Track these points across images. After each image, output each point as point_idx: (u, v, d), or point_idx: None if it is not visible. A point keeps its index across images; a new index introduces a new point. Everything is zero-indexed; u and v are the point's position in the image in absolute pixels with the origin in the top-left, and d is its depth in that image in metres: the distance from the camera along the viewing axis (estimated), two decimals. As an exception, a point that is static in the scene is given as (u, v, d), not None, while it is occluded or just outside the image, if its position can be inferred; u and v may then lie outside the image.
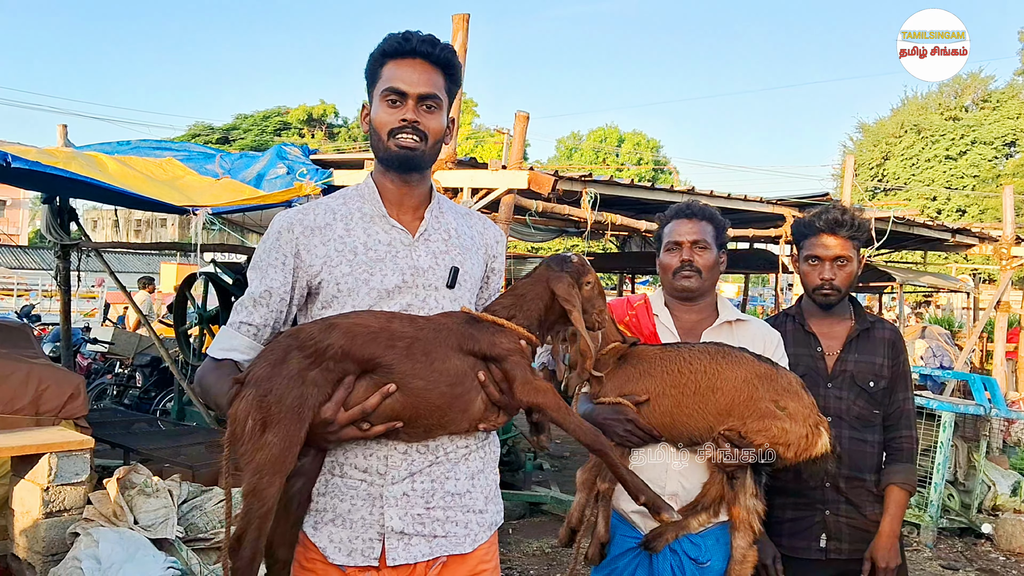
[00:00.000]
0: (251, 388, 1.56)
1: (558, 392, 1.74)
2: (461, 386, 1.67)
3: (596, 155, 43.67)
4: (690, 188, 7.81)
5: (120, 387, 9.29)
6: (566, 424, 1.70)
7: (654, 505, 1.76)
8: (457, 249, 1.85)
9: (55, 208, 7.32)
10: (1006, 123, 33.03)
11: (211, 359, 1.78)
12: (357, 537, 1.71)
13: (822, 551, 2.56)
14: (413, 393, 1.63)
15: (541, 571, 5.30)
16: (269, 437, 1.52)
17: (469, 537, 1.79)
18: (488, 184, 5.50)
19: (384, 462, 1.71)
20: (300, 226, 1.78)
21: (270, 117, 46.07)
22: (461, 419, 1.70)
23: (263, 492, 1.52)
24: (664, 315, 2.45)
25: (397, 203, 1.84)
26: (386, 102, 1.77)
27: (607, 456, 1.75)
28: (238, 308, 1.79)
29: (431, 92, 1.77)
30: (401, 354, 1.62)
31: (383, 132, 1.77)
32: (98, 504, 4.01)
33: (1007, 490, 6.81)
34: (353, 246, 1.77)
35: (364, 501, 1.71)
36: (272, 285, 1.76)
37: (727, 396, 2.15)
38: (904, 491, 2.54)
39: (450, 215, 1.91)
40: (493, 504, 1.88)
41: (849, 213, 2.59)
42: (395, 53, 1.77)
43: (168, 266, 23.96)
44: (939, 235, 9.64)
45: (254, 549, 1.54)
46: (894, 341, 2.64)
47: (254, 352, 1.75)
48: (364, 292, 1.74)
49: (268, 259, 1.78)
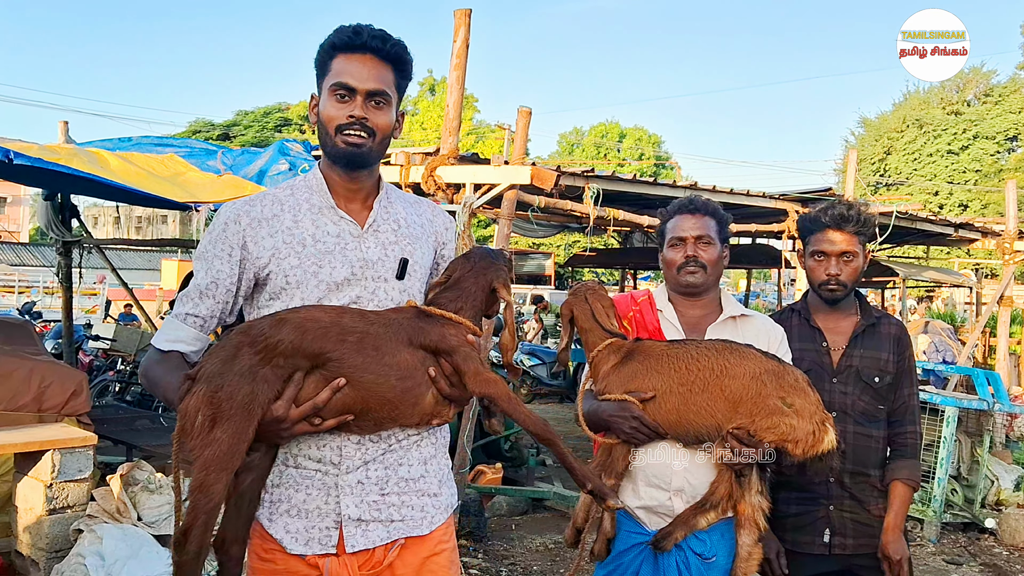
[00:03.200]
0: (202, 384, 1.57)
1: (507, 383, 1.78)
2: (411, 379, 1.69)
3: (598, 150, 43.57)
4: (692, 183, 7.79)
5: (122, 384, 9.29)
6: (515, 414, 1.73)
7: (600, 493, 1.79)
8: (407, 239, 1.85)
9: (56, 205, 7.32)
10: (1008, 117, 32.92)
11: (156, 350, 1.78)
12: (314, 526, 1.73)
13: (826, 546, 2.55)
14: (363, 387, 1.64)
15: (544, 567, 5.29)
16: (218, 433, 1.53)
17: (426, 520, 1.81)
18: (490, 180, 5.49)
19: (338, 452, 1.73)
20: (247, 217, 1.78)
21: (271, 113, 45.96)
22: (411, 412, 1.72)
23: (210, 488, 1.53)
24: (668, 310, 2.44)
25: (345, 195, 1.83)
26: (334, 96, 1.75)
27: (556, 446, 1.77)
28: (183, 299, 1.79)
29: (380, 88, 1.76)
30: (352, 348, 1.64)
31: (331, 127, 1.76)
32: (101, 501, 4.01)
33: (1010, 485, 6.81)
34: (301, 238, 1.76)
35: (319, 491, 1.73)
36: (219, 277, 1.76)
37: (735, 393, 2.14)
38: (908, 486, 2.55)
39: (399, 204, 1.91)
40: (447, 488, 1.90)
41: (855, 208, 2.59)
42: (345, 47, 1.76)
43: (169, 263, 23.99)
44: (942, 230, 9.62)
45: (200, 543, 1.56)
46: (899, 336, 2.64)
47: (200, 343, 1.77)
48: (313, 284, 1.74)
49: (214, 250, 1.77)
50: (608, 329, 2.33)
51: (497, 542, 5.68)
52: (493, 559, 5.35)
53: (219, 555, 1.70)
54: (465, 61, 5.41)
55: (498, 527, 6.03)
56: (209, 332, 1.79)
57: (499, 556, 5.42)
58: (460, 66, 5.41)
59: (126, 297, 10.41)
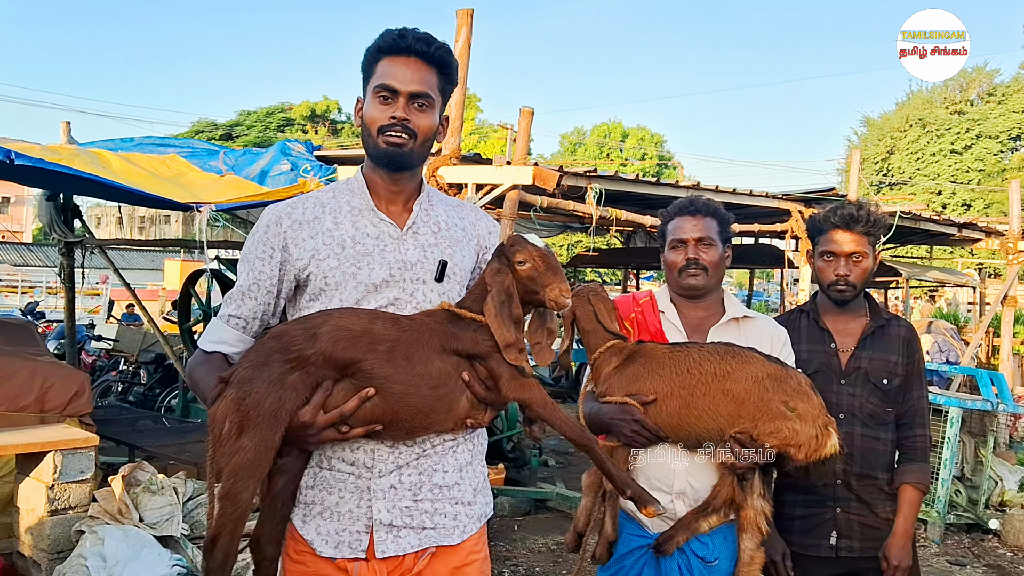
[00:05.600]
0: (232, 389, 1.57)
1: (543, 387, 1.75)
2: (445, 387, 1.67)
3: (600, 150, 43.55)
4: (695, 183, 7.77)
5: (125, 384, 9.30)
6: (551, 419, 1.71)
7: (641, 499, 1.77)
8: (447, 242, 1.84)
9: (59, 205, 7.32)
10: (1011, 117, 32.85)
11: (201, 351, 1.81)
12: (345, 530, 1.72)
13: (833, 549, 2.54)
14: (393, 397, 1.63)
15: (547, 568, 5.29)
16: (245, 441, 1.53)
17: (458, 529, 1.79)
18: (492, 180, 5.47)
19: (371, 455, 1.72)
20: (288, 219, 1.79)
21: (273, 113, 46.00)
22: (446, 419, 1.71)
23: (237, 496, 1.53)
24: (670, 312, 2.42)
25: (386, 197, 1.83)
26: (378, 98, 1.76)
27: (593, 452, 1.76)
28: (227, 301, 1.81)
29: (423, 90, 1.76)
30: (382, 358, 1.62)
31: (373, 128, 1.77)
32: (103, 501, 4.01)
33: (1014, 486, 6.79)
34: (341, 239, 1.77)
35: (352, 494, 1.72)
36: (259, 278, 1.77)
37: (737, 397, 2.12)
38: (918, 490, 2.52)
39: (440, 207, 1.90)
40: (482, 496, 1.87)
41: (865, 209, 2.56)
42: (390, 50, 1.77)
43: (172, 263, 23.96)
44: (945, 230, 9.59)
45: (227, 551, 1.56)
46: (909, 339, 2.61)
47: (243, 345, 1.77)
48: (352, 286, 1.74)
49: (256, 252, 1.78)
50: (610, 331, 2.33)
51: (500, 543, 5.67)
52: (495, 560, 5.35)
53: (254, 555, 1.71)
54: (467, 61, 5.40)
55: (501, 528, 6.03)
56: (251, 333, 1.79)
57: (502, 557, 5.41)
58: (462, 66, 5.40)
59: (129, 297, 10.41)
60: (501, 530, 5.98)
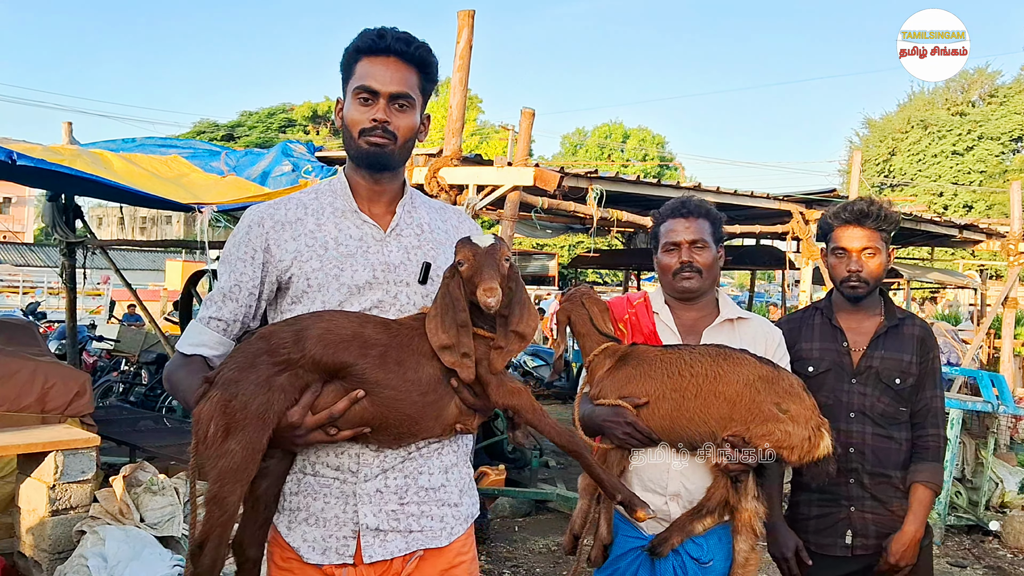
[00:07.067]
0: (218, 390, 1.55)
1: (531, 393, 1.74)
2: (434, 393, 1.66)
3: (601, 151, 43.52)
4: (696, 184, 7.78)
5: (126, 384, 9.29)
6: (540, 425, 1.69)
7: (630, 503, 1.76)
8: (430, 244, 1.84)
9: (60, 205, 7.33)
10: (1013, 118, 32.83)
11: (180, 354, 1.77)
12: (331, 536, 1.71)
13: (847, 547, 2.54)
14: (383, 402, 1.62)
15: (547, 569, 5.29)
16: (231, 444, 1.51)
17: (445, 531, 1.78)
18: (493, 181, 5.48)
19: (356, 460, 1.71)
20: (271, 220, 1.77)
21: (275, 114, 46.02)
22: (435, 425, 1.70)
23: (224, 500, 1.52)
24: (664, 313, 2.43)
25: (368, 198, 1.82)
26: (358, 100, 1.75)
27: (583, 457, 1.75)
28: (207, 303, 1.79)
29: (403, 91, 1.75)
30: (374, 362, 1.61)
31: (354, 130, 1.76)
32: (104, 502, 4.02)
33: (1015, 487, 6.80)
34: (324, 241, 1.75)
35: (337, 499, 1.71)
36: (241, 280, 1.76)
37: (729, 400, 2.12)
38: (929, 490, 2.50)
39: (423, 209, 1.90)
40: (468, 497, 1.86)
41: (876, 204, 2.56)
42: (369, 50, 1.75)
43: (173, 263, 23.99)
44: (946, 231, 9.60)
45: (215, 556, 1.55)
46: (924, 338, 2.59)
47: (223, 348, 1.76)
48: (334, 288, 1.73)
49: (237, 253, 1.77)
50: (604, 333, 2.33)
51: (500, 544, 5.68)
52: (496, 561, 5.35)
53: (237, 557, 1.69)
54: (468, 62, 5.40)
55: (501, 528, 6.03)
56: (231, 336, 1.77)
57: (502, 558, 5.42)
58: (463, 67, 5.40)
59: (130, 298, 10.42)
60: (501, 531, 5.99)
